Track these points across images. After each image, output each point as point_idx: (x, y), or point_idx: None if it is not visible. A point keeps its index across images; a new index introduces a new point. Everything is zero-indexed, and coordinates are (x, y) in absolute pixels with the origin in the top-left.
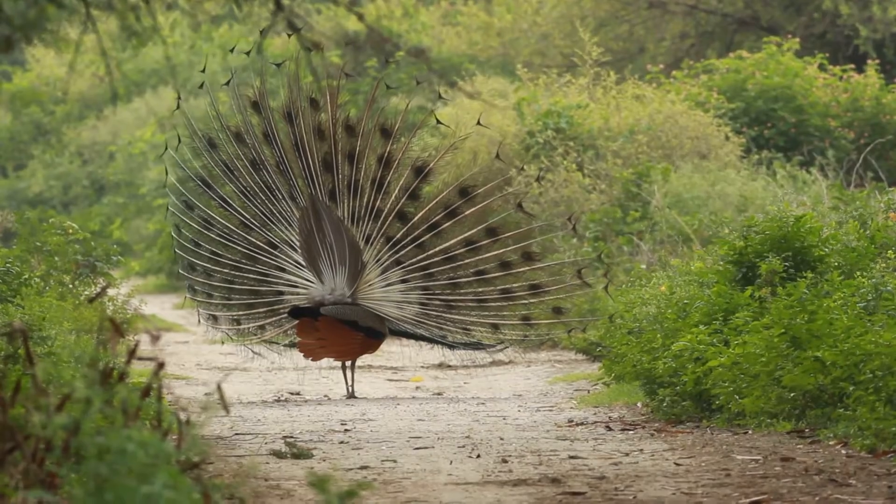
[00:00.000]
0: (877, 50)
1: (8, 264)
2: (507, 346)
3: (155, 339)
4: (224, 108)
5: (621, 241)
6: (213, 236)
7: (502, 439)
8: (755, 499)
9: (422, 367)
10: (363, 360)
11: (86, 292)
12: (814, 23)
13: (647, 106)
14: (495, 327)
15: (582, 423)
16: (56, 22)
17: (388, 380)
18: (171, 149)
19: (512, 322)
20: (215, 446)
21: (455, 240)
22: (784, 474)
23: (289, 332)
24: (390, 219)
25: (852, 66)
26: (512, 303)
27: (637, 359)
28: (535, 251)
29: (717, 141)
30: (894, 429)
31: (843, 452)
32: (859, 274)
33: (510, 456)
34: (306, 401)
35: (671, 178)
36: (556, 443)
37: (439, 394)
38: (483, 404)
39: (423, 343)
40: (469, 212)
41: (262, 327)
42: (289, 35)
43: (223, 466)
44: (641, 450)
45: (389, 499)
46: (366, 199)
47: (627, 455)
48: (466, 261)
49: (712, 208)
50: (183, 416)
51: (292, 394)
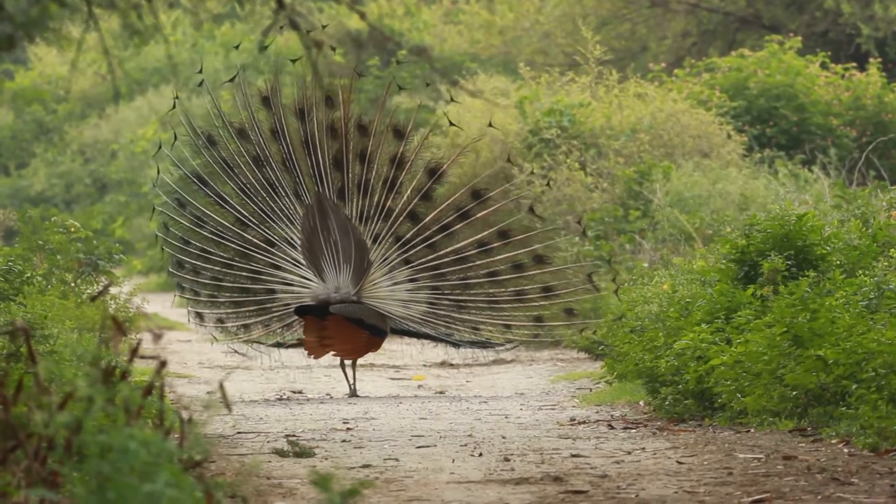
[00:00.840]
0: (879, 48)
1: (10, 263)
2: (516, 346)
3: (157, 337)
4: (225, 106)
5: (623, 239)
6: (205, 234)
7: (504, 438)
8: (757, 497)
9: (424, 365)
10: (365, 358)
11: (88, 291)
12: (816, 21)
13: (649, 104)
14: (507, 327)
15: (584, 422)
16: (58, 20)
17: (391, 378)
18: (165, 147)
19: (523, 323)
20: (217, 445)
21: (467, 241)
22: (786, 473)
23: (276, 332)
24: (401, 219)
25: (854, 64)
26: (524, 304)
27: (639, 357)
28: (547, 254)
29: (719, 139)
30: None
31: (846, 451)
32: (861, 272)
33: (512, 454)
34: (308, 399)
35: (673, 177)
36: (558, 441)
37: (441, 392)
38: (485, 403)
39: (424, 341)
40: (481, 214)
41: (247, 326)
42: (308, 32)
43: (225, 465)
44: (644, 448)
45: (391, 497)
46: (376, 199)
47: (629, 453)
48: (478, 262)
49: (714, 207)
50: (185, 415)
51: (294, 392)
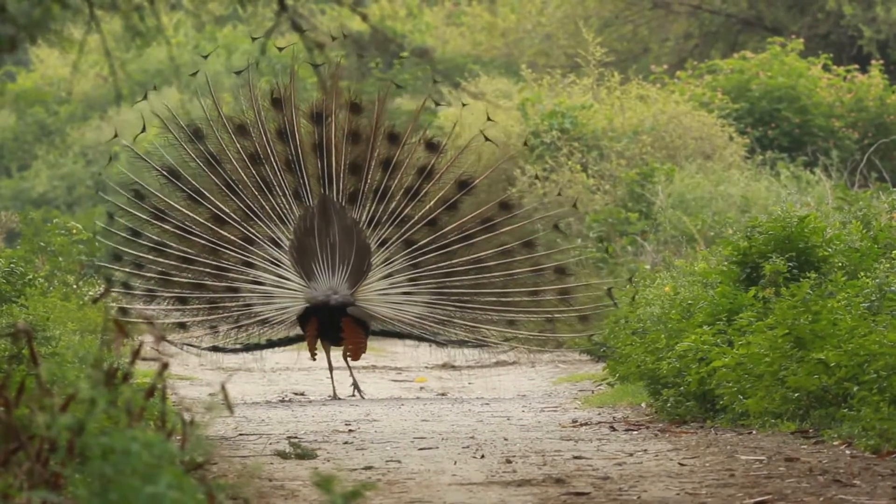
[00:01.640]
0: (881, 50)
1: (12, 265)
2: (513, 347)
3: (159, 339)
4: (225, 108)
5: (625, 241)
6: (167, 227)
7: (506, 440)
8: (759, 499)
9: (426, 367)
10: (366, 360)
11: (90, 293)
12: (818, 23)
13: (651, 106)
14: (511, 324)
15: (586, 424)
16: (60, 22)
17: (393, 380)
18: (123, 138)
19: (530, 333)
20: (219, 447)
21: (488, 251)
22: (788, 475)
23: (223, 332)
24: (418, 226)
25: (856, 66)
26: (537, 309)
27: (641, 359)
28: (568, 266)
29: (721, 141)
30: None
31: (848, 453)
32: (863, 274)
33: (514, 456)
34: (310, 401)
35: (675, 179)
36: (560, 443)
37: (443, 394)
38: (487, 405)
39: (414, 341)
40: (507, 228)
41: (183, 325)
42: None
43: (227, 467)
44: (645, 450)
45: (394, 499)
46: (393, 205)
47: (631, 455)
48: (497, 272)
49: (716, 209)
50: (187, 417)
51: (296, 394)
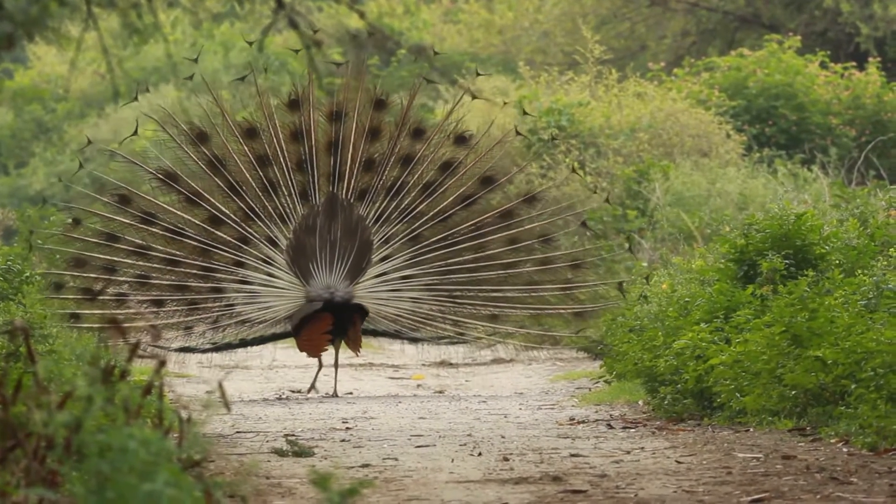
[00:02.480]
0: (878, 48)
1: (9, 262)
2: (496, 343)
3: (156, 336)
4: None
5: (622, 238)
6: (155, 231)
7: (503, 437)
8: (756, 497)
9: (423, 365)
10: (365, 357)
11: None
12: (815, 21)
13: (649, 104)
14: (494, 317)
15: (583, 422)
16: (58, 19)
17: (390, 378)
18: (96, 143)
19: (523, 328)
20: (217, 444)
21: (503, 248)
22: (785, 472)
23: (200, 333)
24: (432, 223)
25: (853, 63)
26: (539, 304)
27: (638, 357)
28: (585, 261)
29: (719, 139)
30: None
31: (845, 450)
32: (860, 272)
33: (511, 454)
34: (308, 399)
35: (672, 176)
36: (557, 441)
37: (440, 392)
38: (484, 402)
39: (388, 338)
40: (531, 226)
41: (154, 327)
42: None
43: (224, 464)
44: (643, 448)
45: (391, 497)
46: (407, 201)
47: (629, 453)
48: (512, 270)
49: (713, 206)
50: (184, 414)
51: (294, 392)
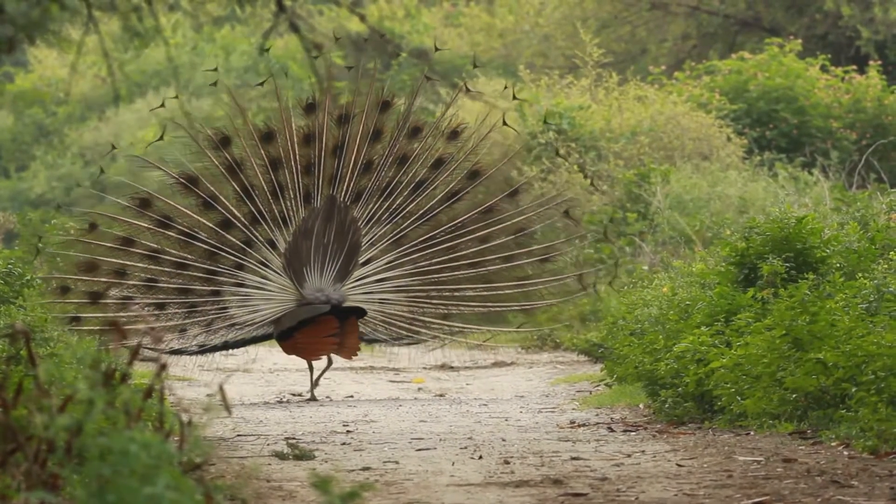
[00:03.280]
0: (878, 51)
1: (10, 265)
2: (448, 342)
3: (157, 340)
4: (225, 109)
5: (623, 242)
6: (171, 234)
7: (504, 440)
8: (757, 500)
9: (423, 368)
10: (363, 360)
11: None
12: (815, 24)
13: (649, 107)
14: (447, 318)
15: (584, 425)
16: (58, 23)
17: (390, 381)
18: (114, 148)
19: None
20: (217, 447)
21: (490, 243)
22: (786, 475)
23: (193, 335)
24: (419, 222)
25: (854, 67)
26: (524, 303)
27: (639, 360)
28: (553, 256)
29: (719, 142)
30: None
31: (846, 454)
32: (861, 275)
33: (512, 457)
34: (308, 402)
35: (672, 180)
36: (558, 444)
37: (441, 395)
38: (485, 405)
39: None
40: (514, 221)
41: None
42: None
43: (225, 468)
44: (643, 451)
45: (391, 500)
46: (399, 201)
47: (629, 456)
48: (495, 266)
49: (713, 209)
50: (185, 418)
51: (294, 395)
